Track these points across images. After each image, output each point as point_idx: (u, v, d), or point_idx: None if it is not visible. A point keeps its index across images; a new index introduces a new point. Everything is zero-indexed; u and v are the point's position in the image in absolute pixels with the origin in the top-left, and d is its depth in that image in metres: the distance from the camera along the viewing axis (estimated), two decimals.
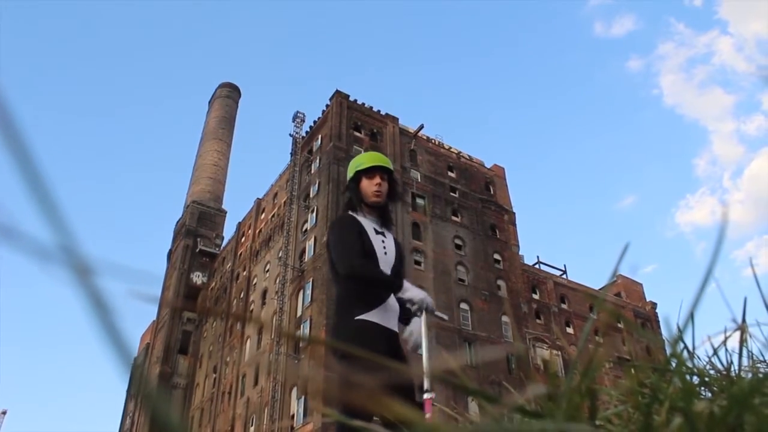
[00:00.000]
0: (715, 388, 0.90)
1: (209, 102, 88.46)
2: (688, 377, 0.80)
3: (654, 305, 56.94)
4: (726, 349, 0.95)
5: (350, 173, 3.10)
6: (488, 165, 57.00)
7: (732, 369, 0.95)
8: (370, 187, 3.02)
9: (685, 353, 0.88)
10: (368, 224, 2.97)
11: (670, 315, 0.77)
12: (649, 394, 0.69)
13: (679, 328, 0.60)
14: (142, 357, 64.19)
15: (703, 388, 0.93)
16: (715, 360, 0.96)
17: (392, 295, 2.80)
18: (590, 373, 0.54)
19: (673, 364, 0.70)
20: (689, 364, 0.91)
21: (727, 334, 0.92)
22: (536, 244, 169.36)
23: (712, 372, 0.96)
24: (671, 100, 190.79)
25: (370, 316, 2.68)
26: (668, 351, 0.69)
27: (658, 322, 55.51)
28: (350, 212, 3.02)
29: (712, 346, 0.95)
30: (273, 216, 54.10)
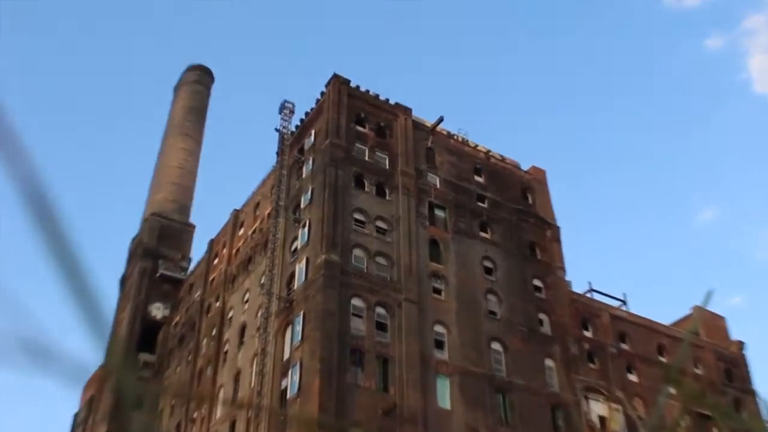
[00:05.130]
0: None
1: (174, 88, 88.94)
2: None
3: (741, 345, 56.35)
4: None
5: None
6: (525, 167, 56.88)
7: None
8: None
9: None
10: None
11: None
12: None
13: None
14: (84, 413, 63.69)
15: None
16: None
17: None
18: None
19: None
20: None
21: None
22: (588, 267, 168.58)
23: None
24: (762, 87, 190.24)
25: None
26: None
27: (747, 366, 54.78)
28: None
29: None
30: (254, 232, 53.93)
